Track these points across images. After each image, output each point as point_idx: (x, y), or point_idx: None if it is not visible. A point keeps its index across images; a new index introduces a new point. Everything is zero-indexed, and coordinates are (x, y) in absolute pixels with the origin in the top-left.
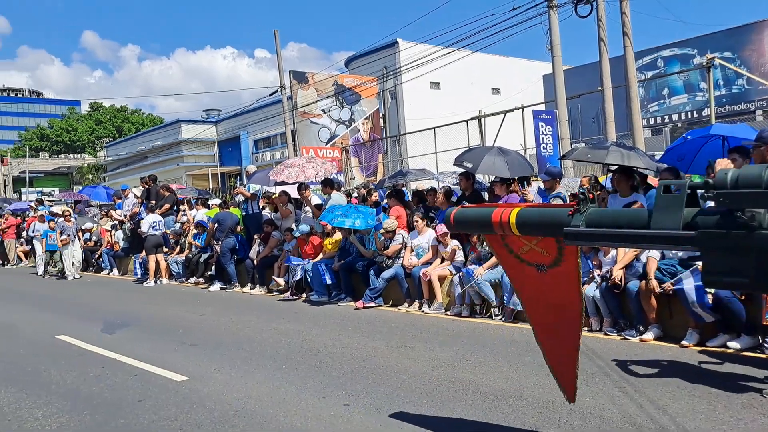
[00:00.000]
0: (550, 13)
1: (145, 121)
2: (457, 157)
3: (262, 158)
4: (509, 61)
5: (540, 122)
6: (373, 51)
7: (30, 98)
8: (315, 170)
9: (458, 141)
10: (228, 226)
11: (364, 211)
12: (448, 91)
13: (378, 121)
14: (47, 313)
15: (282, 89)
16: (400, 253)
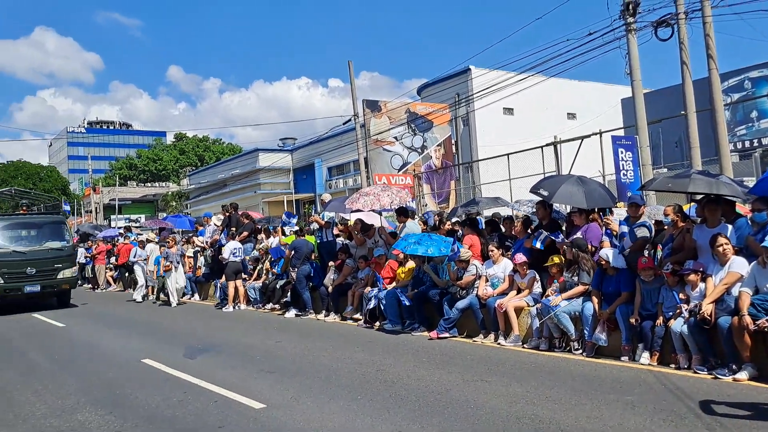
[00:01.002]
0: (629, 36)
1: (225, 150)
2: (534, 185)
3: (336, 185)
4: (585, 86)
5: (620, 148)
6: (445, 78)
7: (120, 130)
8: (390, 198)
9: (533, 168)
10: (304, 254)
11: (438, 239)
12: (521, 117)
13: (450, 147)
14: (134, 337)
15: (355, 118)
16: (475, 284)
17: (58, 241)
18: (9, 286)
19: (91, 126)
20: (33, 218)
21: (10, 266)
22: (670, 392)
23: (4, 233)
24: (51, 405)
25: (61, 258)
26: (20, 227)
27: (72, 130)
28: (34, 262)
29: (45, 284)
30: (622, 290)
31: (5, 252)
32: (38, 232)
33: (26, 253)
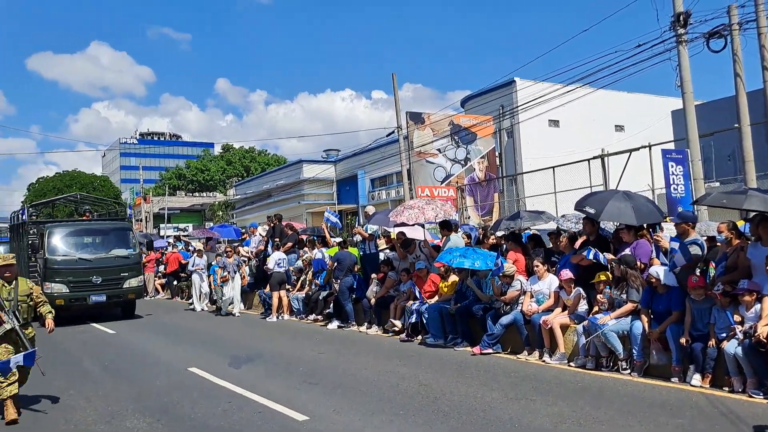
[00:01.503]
0: (680, 48)
1: (270, 161)
2: (578, 201)
3: (378, 196)
4: (634, 97)
5: (670, 162)
6: (489, 90)
7: (170, 141)
8: (434, 212)
9: (579, 181)
10: (347, 266)
11: (482, 253)
12: (567, 129)
13: (494, 159)
14: (181, 345)
15: (399, 130)
16: (519, 299)
17: (124, 248)
18: (74, 295)
19: (142, 137)
20: (99, 224)
21: (75, 274)
22: (723, 416)
23: (70, 240)
24: (101, 411)
25: (128, 266)
26: (86, 233)
27: (124, 141)
28: (99, 270)
29: (111, 294)
30: (673, 309)
31: (71, 259)
32: (104, 239)
33: (92, 261)
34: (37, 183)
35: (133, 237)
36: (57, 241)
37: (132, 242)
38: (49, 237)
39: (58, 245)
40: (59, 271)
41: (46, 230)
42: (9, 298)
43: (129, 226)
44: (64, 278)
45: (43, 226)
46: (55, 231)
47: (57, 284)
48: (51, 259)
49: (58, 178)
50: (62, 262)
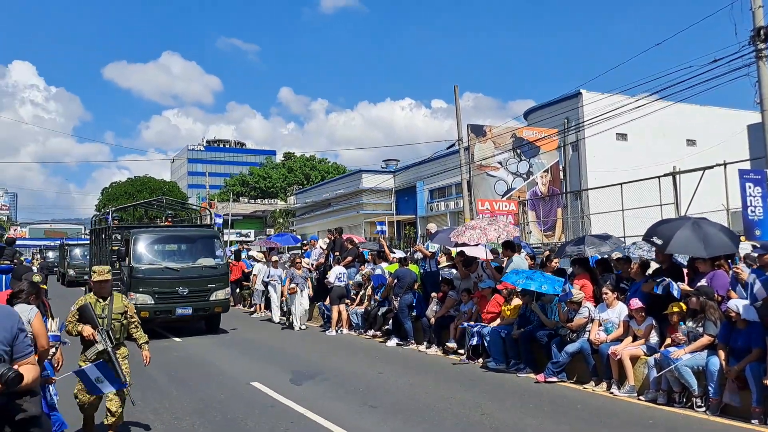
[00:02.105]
0: (759, 63)
1: (330, 169)
2: (647, 230)
3: (437, 208)
4: (707, 111)
5: (747, 183)
6: (554, 102)
7: (235, 148)
8: (497, 233)
9: (648, 198)
10: (407, 283)
11: (550, 277)
12: (636, 143)
13: (558, 174)
14: (243, 357)
15: (460, 142)
16: (586, 327)
17: (211, 258)
18: (160, 307)
19: (209, 144)
20: (185, 231)
21: (161, 285)
22: None
23: (155, 247)
24: (168, 425)
25: (215, 277)
26: (172, 241)
27: (192, 148)
28: (186, 281)
29: (197, 306)
30: (753, 346)
31: (157, 269)
32: (190, 248)
33: (179, 271)
34: (110, 187)
35: (221, 246)
36: (143, 249)
37: (219, 252)
38: (135, 244)
39: (144, 253)
40: (145, 281)
41: (131, 236)
42: (102, 316)
43: (216, 234)
44: (150, 289)
45: (129, 232)
46: (141, 237)
47: (142, 295)
48: (137, 268)
49: (130, 183)
50: (148, 272)
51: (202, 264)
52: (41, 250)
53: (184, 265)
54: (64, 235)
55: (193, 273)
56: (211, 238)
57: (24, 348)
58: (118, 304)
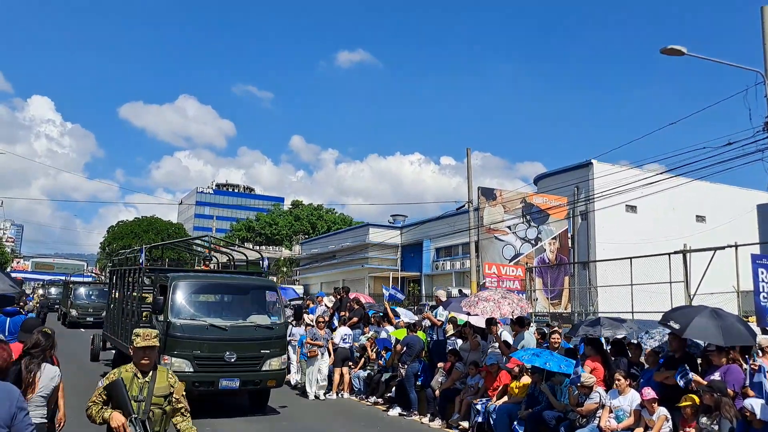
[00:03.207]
0: None
1: (337, 220)
2: (663, 315)
3: (443, 267)
4: (717, 188)
5: (760, 268)
6: (565, 170)
7: (244, 193)
8: (511, 307)
9: (657, 274)
10: (416, 351)
11: (558, 357)
12: (645, 216)
13: (566, 241)
14: (253, 425)
15: (470, 204)
16: (596, 413)
17: (264, 314)
18: (201, 377)
19: (218, 188)
20: (236, 279)
21: (204, 348)
22: None
23: (199, 298)
24: None
25: (270, 341)
26: (220, 290)
27: (201, 191)
28: (235, 344)
29: (246, 378)
30: None
31: (200, 326)
32: (240, 300)
33: (227, 330)
34: (116, 226)
35: (279, 300)
36: (184, 299)
37: (276, 307)
38: (174, 292)
39: (184, 305)
40: (184, 342)
41: (170, 282)
42: (139, 398)
43: (273, 285)
44: (189, 352)
45: (165, 276)
46: (182, 284)
47: (179, 360)
48: (175, 324)
49: (136, 222)
50: (189, 329)
51: (256, 322)
52: (44, 285)
53: (233, 323)
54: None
55: (245, 334)
56: (265, 290)
57: (23, 428)
58: (162, 382)
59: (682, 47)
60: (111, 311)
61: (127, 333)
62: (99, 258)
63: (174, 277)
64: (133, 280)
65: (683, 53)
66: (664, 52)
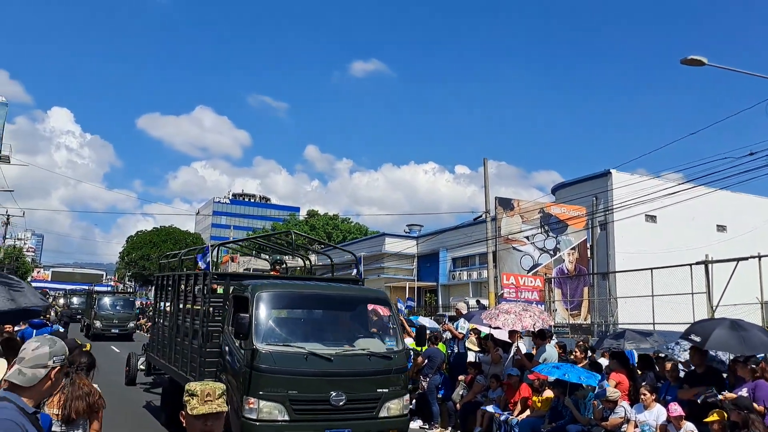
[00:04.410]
0: None
1: (353, 229)
2: (686, 330)
3: (459, 277)
4: (738, 197)
5: None
6: (583, 180)
7: (260, 203)
8: (532, 320)
9: (678, 285)
10: (437, 364)
11: (579, 369)
12: (665, 226)
13: (585, 252)
14: None
15: (487, 214)
16: (621, 427)
17: (373, 337)
18: (299, 428)
19: (235, 198)
20: (337, 289)
21: (303, 386)
22: None
23: (290, 315)
24: None
25: (389, 376)
26: (317, 304)
27: (218, 201)
28: (344, 380)
29: (360, 429)
30: None
31: (297, 355)
32: (341, 318)
33: (332, 361)
34: (135, 235)
35: (393, 317)
36: (272, 317)
37: (391, 328)
38: (257, 306)
39: (273, 324)
40: (276, 379)
41: (251, 293)
42: None
43: (386, 297)
44: (283, 392)
45: (243, 285)
46: (268, 296)
47: (268, 404)
48: (263, 353)
49: (155, 232)
50: (282, 359)
51: (368, 349)
52: (66, 294)
53: (338, 351)
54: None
55: (356, 366)
56: (376, 303)
57: None
58: None
59: (702, 57)
60: (158, 327)
61: (185, 357)
62: (118, 267)
63: (257, 286)
64: (193, 288)
65: (704, 63)
66: (685, 63)
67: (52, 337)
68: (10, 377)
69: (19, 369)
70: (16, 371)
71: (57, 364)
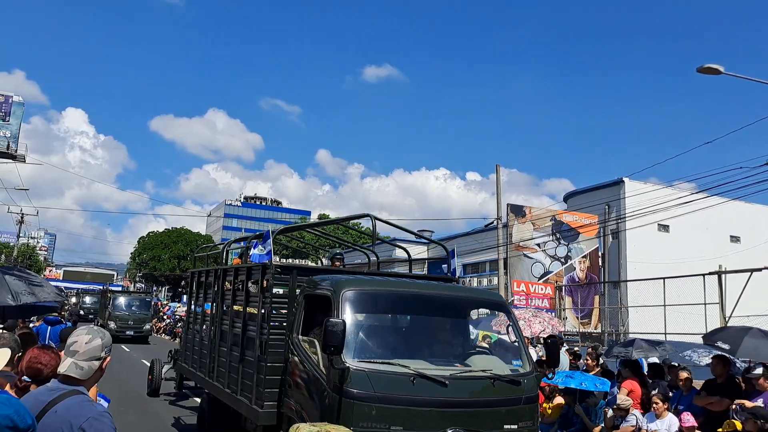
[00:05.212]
0: None
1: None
2: (706, 335)
3: (470, 283)
4: (752, 208)
5: None
6: (596, 188)
7: (271, 206)
8: (542, 326)
9: (691, 295)
10: None
11: (592, 377)
12: (678, 236)
13: (596, 260)
14: None
15: (499, 221)
16: None
17: (493, 353)
18: None
19: (246, 201)
20: (439, 288)
21: (411, 420)
22: None
23: (387, 322)
24: None
25: (519, 407)
26: (417, 308)
27: (229, 203)
28: (462, 412)
29: None
30: None
31: (401, 376)
32: (445, 328)
33: (447, 386)
34: (147, 236)
35: (514, 327)
36: (364, 325)
37: (514, 341)
38: (344, 310)
39: (366, 336)
40: (376, 409)
41: (335, 292)
42: None
43: (503, 302)
44: (385, 428)
45: (322, 283)
46: (359, 298)
47: None
48: (357, 374)
49: (166, 233)
50: (382, 383)
51: (490, 370)
52: (78, 294)
53: (453, 372)
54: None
55: (476, 392)
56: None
57: None
58: None
59: (719, 66)
60: (193, 333)
61: (232, 372)
62: (129, 268)
63: (341, 282)
64: (243, 285)
65: (721, 72)
66: (701, 71)
67: (100, 329)
68: (68, 371)
69: (75, 363)
70: (73, 365)
71: (107, 355)
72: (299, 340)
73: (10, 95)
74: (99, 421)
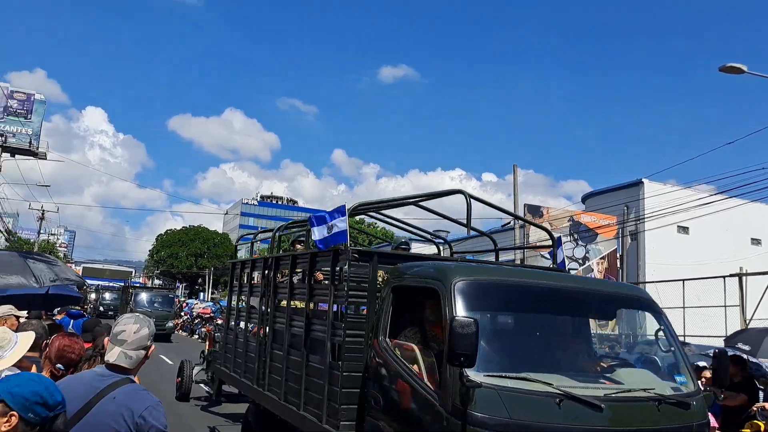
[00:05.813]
0: None
1: (378, 233)
2: (728, 337)
3: None
4: None
5: None
6: (614, 189)
7: (287, 205)
8: None
9: (711, 298)
10: None
11: None
12: (698, 237)
13: (615, 262)
14: None
15: (516, 221)
16: None
17: (644, 366)
18: None
19: (263, 200)
20: (575, 282)
21: None
22: None
23: (514, 324)
24: None
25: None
26: (551, 306)
27: (246, 202)
28: None
29: None
30: None
31: (542, 396)
32: (581, 332)
33: (603, 410)
34: (165, 234)
35: (668, 333)
36: (487, 328)
37: (670, 350)
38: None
39: (490, 343)
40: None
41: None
42: None
43: (650, 298)
44: None
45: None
46: (474, 289)
47: None
48: (487, 394)
49: (184, 231)
50: (519, 405)
51: (652, 389)
52: (98, 290)
53: (607, 392)
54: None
55: (638, 419)
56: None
57: None
58: None
59: (742, 65)
60: (233, 333)
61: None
62: (147, 265)
63: (451, 269)
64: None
65: (743, 71)
66: (724, 70)
67: (145, 317)
68: (117, 360)
69: (123, 352)
70: (122, 354)
71: (152, 344)
72: (387, 344)
73: (32, 93)
74: (157, 411)
